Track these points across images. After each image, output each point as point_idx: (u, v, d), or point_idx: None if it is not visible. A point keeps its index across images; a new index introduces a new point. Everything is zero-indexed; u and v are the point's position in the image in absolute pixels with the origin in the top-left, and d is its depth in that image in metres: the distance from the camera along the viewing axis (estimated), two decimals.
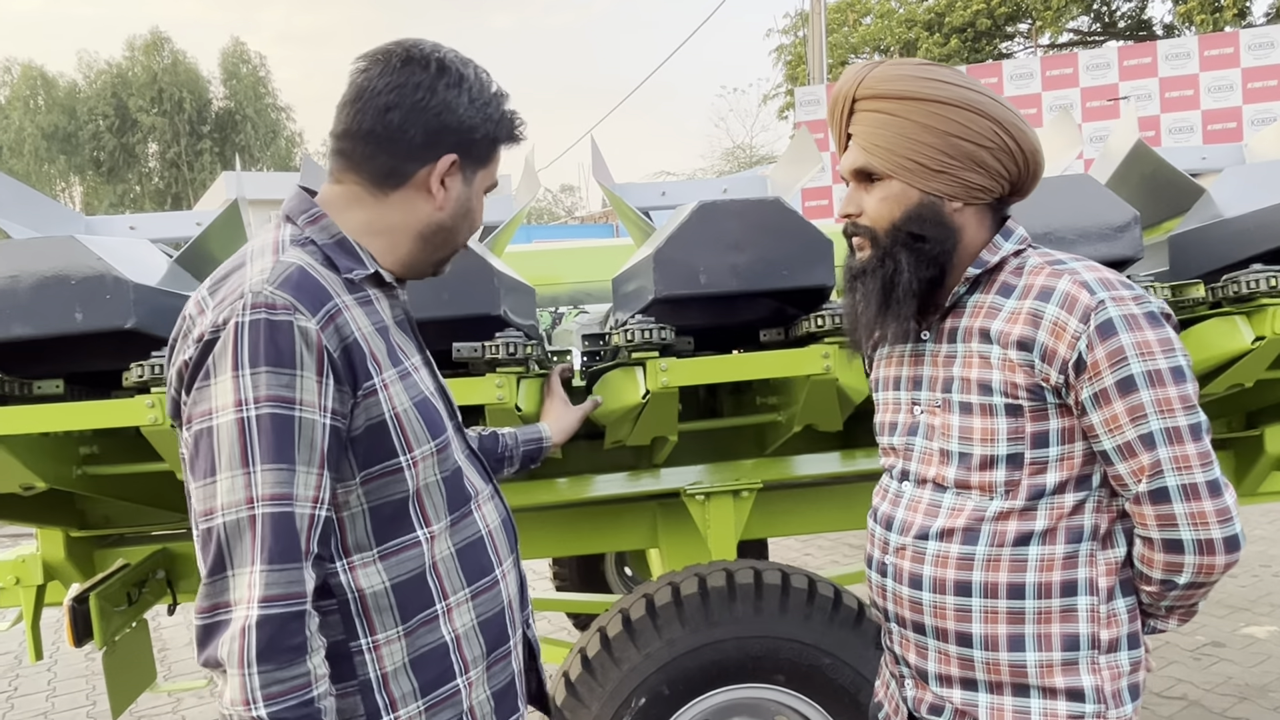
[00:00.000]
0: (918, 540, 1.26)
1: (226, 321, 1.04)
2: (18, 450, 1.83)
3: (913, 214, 1.21)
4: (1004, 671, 1.22)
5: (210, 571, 1.02)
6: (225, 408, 1.02)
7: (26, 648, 2.45)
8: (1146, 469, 1.14)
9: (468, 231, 1.25)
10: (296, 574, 1.02)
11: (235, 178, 2.77)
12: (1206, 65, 10.00)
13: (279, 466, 1.02)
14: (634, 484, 2.44)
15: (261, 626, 0.99)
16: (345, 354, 1.08)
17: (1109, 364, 1.13)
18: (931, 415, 1.27)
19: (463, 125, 1.17)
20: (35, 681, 4.43)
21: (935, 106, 1.19)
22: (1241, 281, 1.99)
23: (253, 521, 1.01)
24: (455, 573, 1.19)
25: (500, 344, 1.83)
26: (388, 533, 1.14)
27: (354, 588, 1.11)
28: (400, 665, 1.14)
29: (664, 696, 2.04)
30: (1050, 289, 1.17)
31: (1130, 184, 2.57)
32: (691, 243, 1.86)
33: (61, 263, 1.73)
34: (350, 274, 1.15)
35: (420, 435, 1.16)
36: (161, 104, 27.76)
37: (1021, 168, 1.23)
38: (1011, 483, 1.20)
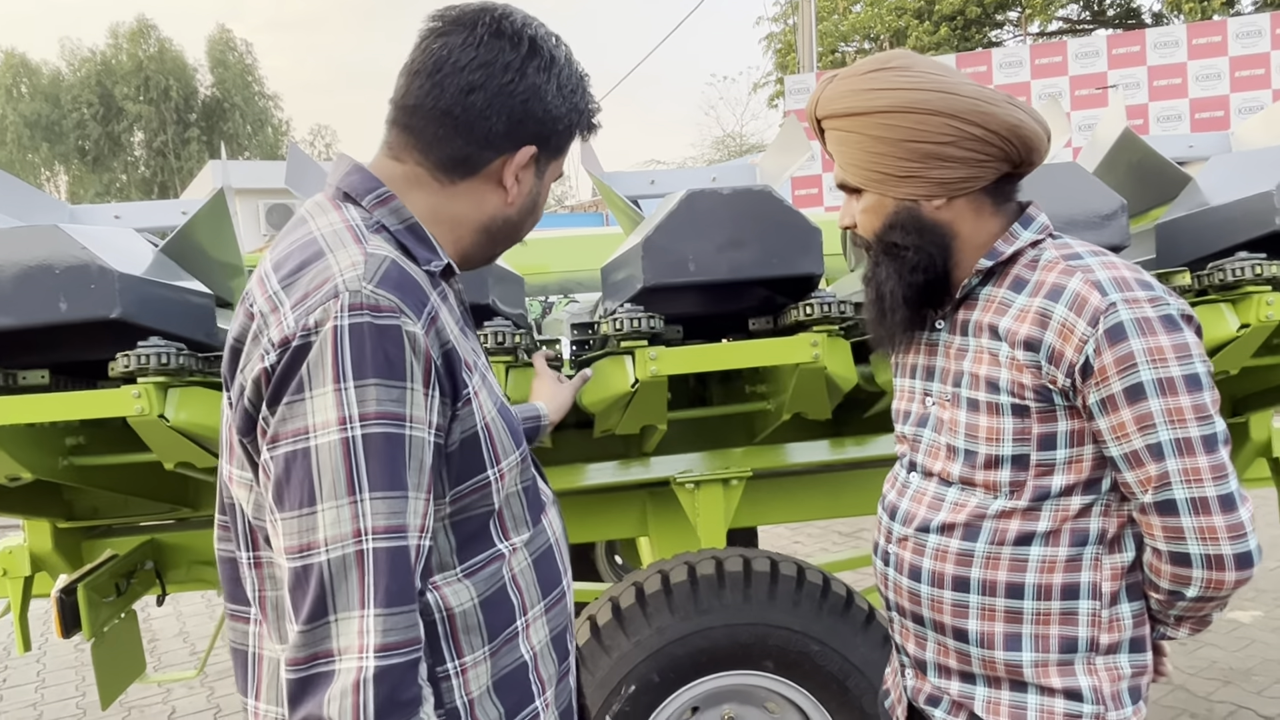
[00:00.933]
0: (919, 532, 1.25)
1: (320, 325, 0.88)
2: (3, 441, 1.82)
3: (891, 222, 1.20)
4: (999, 668, 1.20)
5: (310, 617, 0.87)
6: (326, 426, 0.87)
7: (14, 639, 2.44)
8: (1154, 479, 1.10)
9: (531, 225, 1.13)
10: (412, 617, 0.90)
11: (221, 166, 2.75)
12: (1194, 54, 10.03)
13: (391, 494, 0.88)
14: (624, 473, 2.44)
15: (380, 680, 0.86)
16: (446, 360, 0.95)
17: (1117, 370, 1.08)
18: (941, 408, 1.25)
19: (548, 115, 1.04)
20: (24, 673, 4.42)
21: (882, 117, 1.16)
22: (1227, 269, 2.00)
23: (360, 558, 0.87)
24: (533, 585, 1.08)
25: (489, 333, 1.83)
26: (471, 549, 1.02)
27: (443, 607, 0.98)
28: (485, 689, 1.02)
29: (654, 684, 2.05)
30: (1061, 287, 1.12)
31: (1118, 172, 2.58)
32: (680, 231, 1.86)
33: (46, 252, 1.72)
34: (429, 266, 1.01)
35: (507, 445, 1.04)
36: (147, 92, 27.51)
37: (1001, 145, 1.16)
38: (1016, 483, 1.17)
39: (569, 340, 2.24)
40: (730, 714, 2.19)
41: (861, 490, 2.63)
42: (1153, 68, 10.08)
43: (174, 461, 1.96)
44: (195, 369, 1.83)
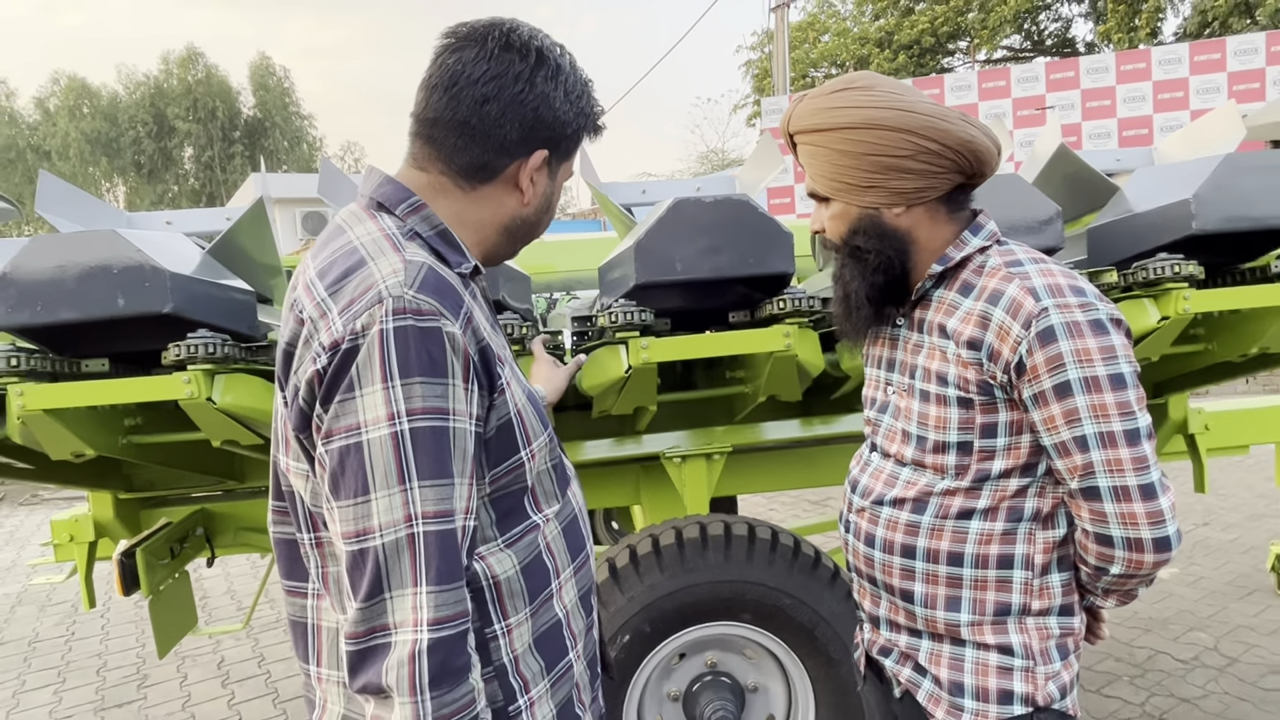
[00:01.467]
0: (874, 505, 1.25)
1: (367, 329, 0.87)
2: (69, 422, 1.81)
3: (855, 227, 1.20)
4: (940, 626, 1.21)
5: (367, 595, 0.87)
6: (377, 421, 0.86)
7: (81, 597, 2.44)
8: (1079, 468, 1.09)
9: (548, 223, 1.10)
10: (461, 593, 0.89)
11: (262, 178, 2.73)
12: (1122, 79, 10.01)
13: (439, 482, 0.88)
14: (619, 449, 2.44)
15: (434, 651, 0.86)
16: (482, 356, 0.94)
17: (1047, 369, 1.07)
18: (899, 397, 1.25)
19: (557, 120, 1.01)
20: (90, 627, 4.42)
21: (846, 133, 1.15)
22: (1150, 269, 2.00)
23: (411, 541, 0.87)
24: (563, 551, 1.07)
25: (500, 326, 1.82)
26: (509, 522, 1.01)
27: (489, 575, 0.98)
28: (527, 646, 1.02)
29: (645, 634, 2.05)
30: (1000, 293, 1.11)
31: (1054, 183, 2.58)
32: (668, 235, 1.85)
33: (105, 254, 1.71)
34: (460, 268, 0.99)
35: (536, 428, 1.03)
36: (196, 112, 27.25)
37: (954, 159, 1.14)
38: (961, 466, 1.16)
39: (570, 331, 2.23)
40: (713, 660, 2.19)
41: (828, 463, 2.63)
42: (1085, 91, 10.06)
43: (221, 439, 1.96)
44: (239, 357, 1.82)
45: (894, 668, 1.28)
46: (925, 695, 1.22)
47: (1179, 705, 2.95)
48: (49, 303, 1.70)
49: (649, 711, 2.17)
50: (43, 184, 2.34)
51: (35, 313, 1.70)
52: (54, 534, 2.40)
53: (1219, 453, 2.88)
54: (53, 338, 1.79)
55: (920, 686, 1.23)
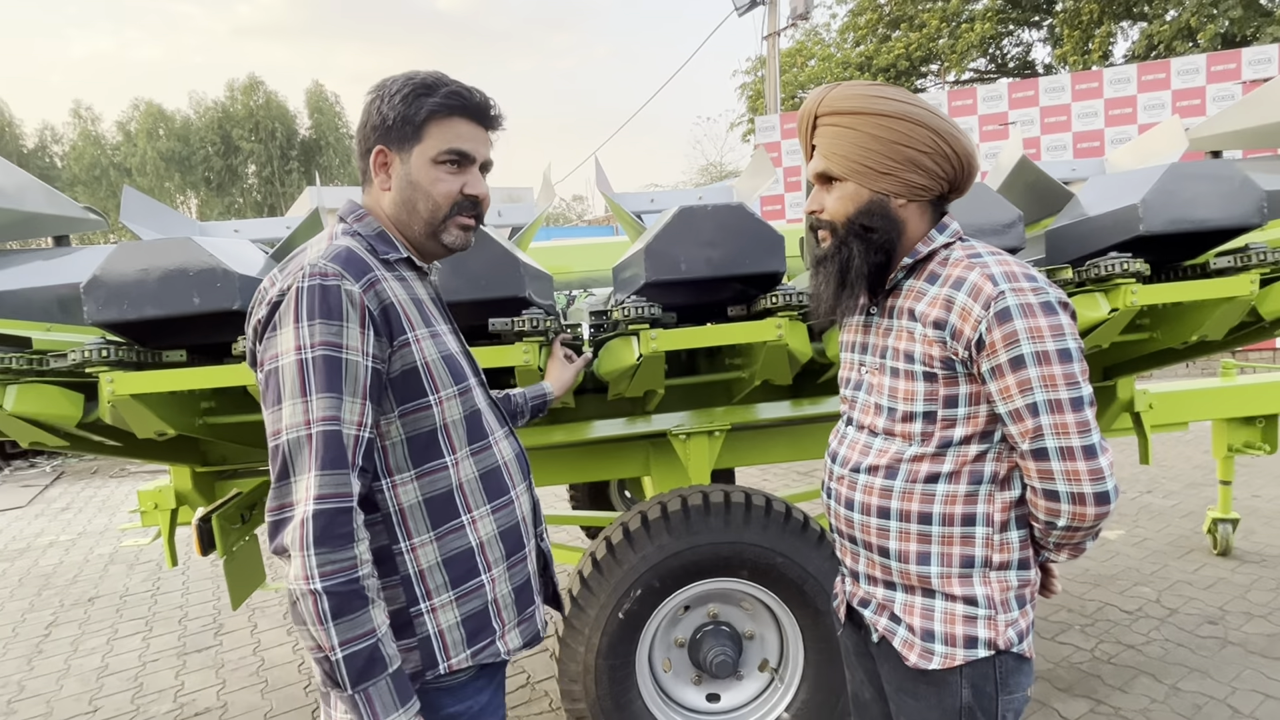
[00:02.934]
0: (852, 473, 1.25)
1: (290, 287, 1.05)
2: (152, 405, 1.83)
3: (864, 209, 1.17)
4: (913, 578, 1.21)
5: (278, 478, 1.01)
6: (288, 351, 1.02)
7: (164, 557, 2.46)
8: (1030, 432, 1.10)
9: (426, 200, 1.17)
10: (344, 478, 1.01)
11: (316, 192, 2.74)
12: (1077, 97, 9.88)
13: (329, 395, 1.01)
14: (631, 427, 2.45)
15: (316, 518, 0.98)
16: (384, 313, 1.08)
17: (1004, 344, 1.08)
18: (872, 375, 1.25)
19: (380, 122, 1.15)
20: (172, 583, 4.47)
21: (881, 119, 1.14)
22: (1102, 266, 1.99)
23: (310, 438, 1.00)
24: (479, 492, 1.18)
25: (526, 319, 1.82)
26: (421, 458, 1.13)
27: (395, 502, 1.11)
28: (434, 563, 1.13)
29: (655, 588, 2.06)
30: (963, 279, 1.12)
31: (1016, 190, 2.55)
32: (674, 239, 1.84)
33: (182, 259, 1.72)
34: (385, 256, 1.16)
35: (445, 380, 1.15)
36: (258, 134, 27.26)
37: (957, 169, 1.17)
38: (926, 434, 1.17)
39: (588, 324, 2.23)
40: (714, 611, 2.20)
41: (815, 439, 2.63)
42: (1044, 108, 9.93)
43: None
44: None
45: (872, 617, 1.28)
46: (900, 641, 1.23)
47: (1125, 651, 2.95)
48: (134, 301, 1.71)
49: (658, 656, 2.19)
50: (126, 198, 2.35)
51: (122, 310, 1.71)
52: (140, 502, 2.42)
53: (1162, 429, 2.87)
54: (137, 332, 1.80)
55: (896, 634, 1.24)
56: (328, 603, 0.98)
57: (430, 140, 1.16)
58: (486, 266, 1.81)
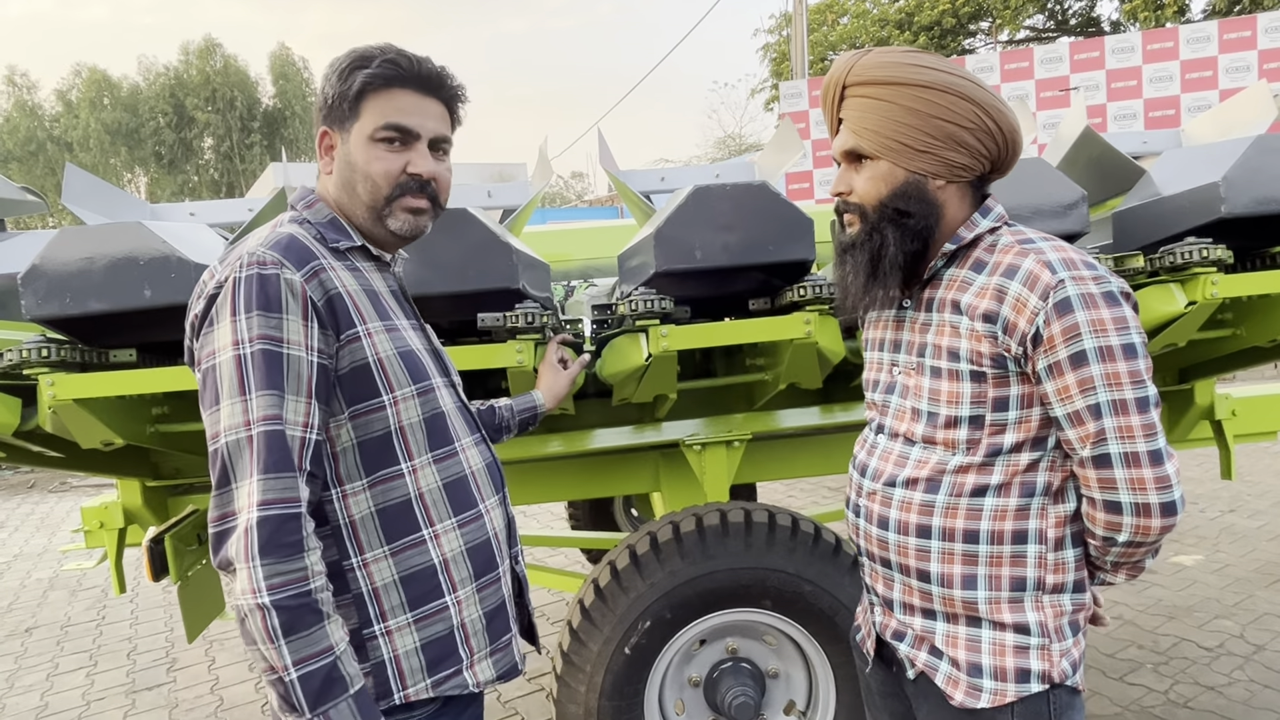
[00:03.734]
0: (886, 487, 1.25)
1: (227, 278, 1.08)
2: (98, 411, 1.84)
3: (899, 191, 1.17)
4: (958, 605, 1.21)
5: (218, 485, 1.04)
6: (225, 347, 1.05)
7: (112, 583, 2.48)
8: (1092, 436, 1.10)
9: (365, 180, 1.20)
10: (290, 482, 1.03)
11: (281, 168, 2.75)
12: (1149, 58, 9.83)
13: (270, 393, 1.04)
14: (639, 436, 2.45)
15: (261, 526, 1.00)
16: (329, 304, 1.11)
17: (1063, 339, 1.08)
18: (907, 376, 1.25)
19: (323, 102, 1.21)
20: (120, 612, 4.50)
21: (919, 90, 1.14)
22: (1177, 253, 1.98)
23: (250, 440, 1.03)
24: (442, 504, 1.20)
25: (519, 314, 1.83)
26: (374, 464, 1.15)
27: (345, 513, 1.14)
28: (390, 581, 1.15)
29: (666, 620, 2.06)
30: (1016, 267, 1.12)
31: (1079, 166, 2.54)
32: (688, 223, 1.85)
33: (131, 246, 1.73)
34: (336, 244, 1.19)
35: (401, 379, 1.17)
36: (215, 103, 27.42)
37: (1001, 146, 1.18)
38: (972, 441, 1.17)
39: (590, 320, 2.24)
40: (734, 646, 2.20)
41: (848, 451, 2.62)
42: (1110, 71, 9.89)
43: None
44: None
45: (909, 651, 1.28)
46: (944, 678, 1.23)
47: (1204, 693, 2.93)
48: (77, 294, 1.72)
49: (670, 697, 2.19)
50: (69, 177, 2.37)
51: (64, 304, 1.72)
52: (84, 521, 2.44)
53: (1246, 439, 2.85)
54: (81, 328, 1.82)
55: (938, 669, 1.23)
56: (278, 618, 1.00)
57: (367, 116, 1.19)
58: (474, 255, 1.82)
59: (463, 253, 1.81)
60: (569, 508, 4.23)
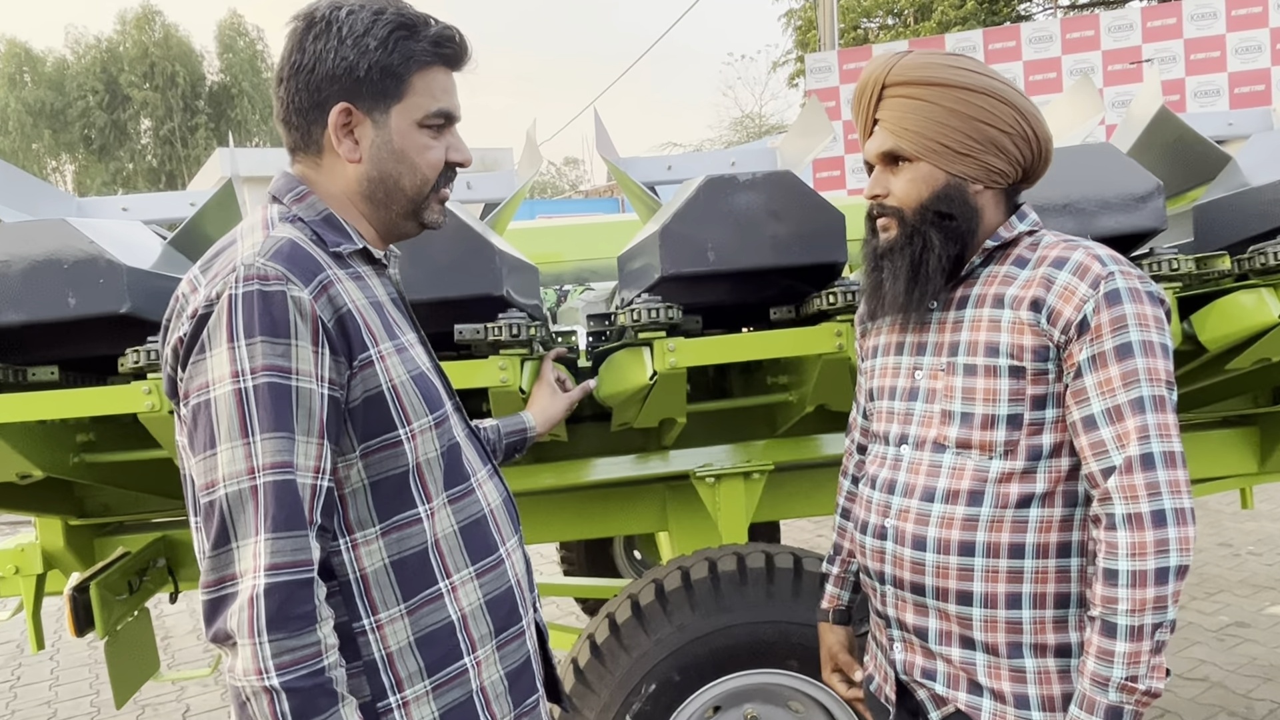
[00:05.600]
0: (923, 503, 1.33)
1: (220, 295, 1.04)
2: (13, 438, 1.84)
3: (940, 194, 1.30)
4: (1000, 628, 1.29)
5: (214, 545, 1.02)
6: (222, 379, 1.02)
7: (28, 638, 2.48)
8: (1133, 433, 1.19)
9: (411, 174, 1.20)
10: (302, 541, 1.02)
11: (229, 154, 2.76)
12: (1234, 25, 9.86)
13: (279, 435, 1.02)
14: (642, 466, 2.44)
15: (270, 595, 0.99)
16: (339, 324, 1.09)
17: (1111, 328, 1.21)
18: (933, 379, 1.35)
19: (338, 70, 1.13)
20: (38, 671, 4.49)
21: (962, 93, 1.27)
22: (1269, 253, 1.97)
23: (255, 491, 1.01)
24: (459, 550, 1.20)
25: (503, 325, 1.83)
26: (389, 509, 1.14)
27: (356, 567, 1.12)
28: (405, 644, 1.15)
29: (674, 683, 2.05)
30: (1065, 259, 1.27)
31: (1153, 152, 2.55)
32: (699, 218, 1.85)
33: (53, 246, 1.73)
34: (337, 248, 1.16)
35: (419, 408, 1.16)
36: (154, 79, 27.68)
37: (1035, 154, 1.32)
38: (1011, 443, 1.27)
39: (585, 331, 2.24)
40: (753, 713, 2.19)
41: None
42: (1189, 40, 9.92)
43: None
44: None
45: (944, 691, 1.34)
46: (989, 717, 1.30)
47: None
48: None
49: None
50: None
51: None
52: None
53: None
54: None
55: (981, 708, 1.31)
56: (288, 702, 0.99)
57: (414, 97, 1.17)
58: (451, 256, 1.82)
59: (438, 254, 1.81)
60: (561, 550, 4.22)
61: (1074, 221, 1.94)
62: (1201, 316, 2.10)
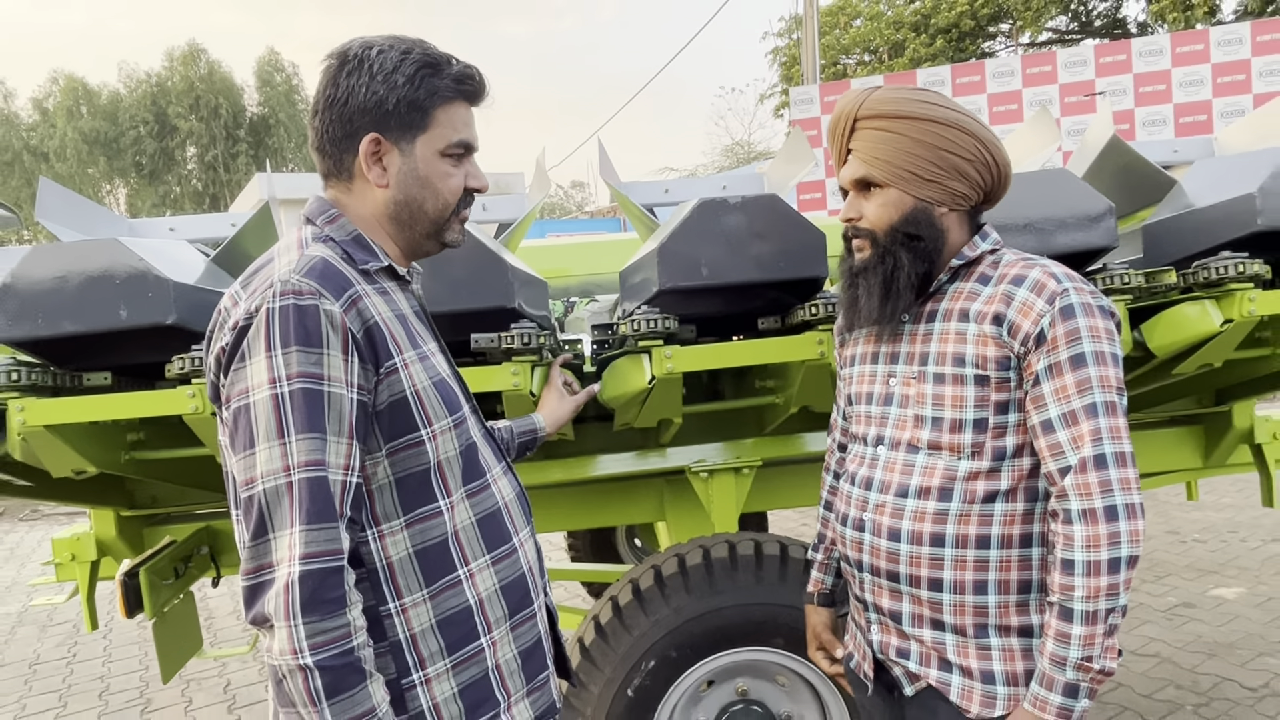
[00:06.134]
0: (898, 498, 1.35)
1: (259, 309, 1.06)
2: (70, 438, 1.84)
3: (909, 217, 1.32)
4: (968, 612, 1.31)
5: (254, 535, 1.03)
6: (261, 385, 1.04)
7: (83, 618, 2.48)
8: (1086, 436, 1.21)
9: (434, 199, 1.21)
10: (333, 533, 1.04)
11: (267, 179, 2.77)
12: (1178, 61, 9.88)
13: (311, 436, 1.03)
14: (642, 462, 2.44)
15: (304, 581, 1.01)
16: (367, 335, 1.10)
17: (1066, 340, 1.23)
18: (906, 386, 1.37)
19: (369, 104, 1.15)
20: (92, 649, 4.49)
21: (928, 125, 1.30)
22: (1211, 268, 1.98)
23: (290, 487, 1.03)
24: (476, 541, 1.21)
25: (515, 334, 1.83)
26: (413, 502, 1.15)
27: (382, 556, 1.13)
28: (427, 626, 1.16)
29: (671, 659, 2.05)
30: (1023, 276, 1.28)
31: (1106, 176, 2.55)
32: (693, 237, 1.85)
33: (106, 263, 1.74)
34: (365, 266, 1.17)
35: (439, 410, 1.17)
36: (199, 110, 27.70)
37: (995, 178, 1.35)
38: (977, 444, 1.29)
39: (590, 339, 2.24)
40: (743, 687, 2.19)
41: None
42: (1138, 75, 9.94)
43: None
44: None
45: (916, 668, 1.36)
46: (958, 691, 1.32)
47: None
48: (50, 315, 1.73)
49: None
50: (42, 191, 2.39)
51: (36, 325, 1.73)
52: (55, 553, 2.43)
53: None
54: (54, 351, 1.82)
55: (951, 684, 1.33)
56: (320, 679, 1.01)
57: (437, 129, 1.18)
58: (468, 271, 1.83)
59: (456, 270, 1.81)
60: (568, 538, 4.21)
61: (1034, 240, 1.94)
62: (1150, 326, 2.10)
